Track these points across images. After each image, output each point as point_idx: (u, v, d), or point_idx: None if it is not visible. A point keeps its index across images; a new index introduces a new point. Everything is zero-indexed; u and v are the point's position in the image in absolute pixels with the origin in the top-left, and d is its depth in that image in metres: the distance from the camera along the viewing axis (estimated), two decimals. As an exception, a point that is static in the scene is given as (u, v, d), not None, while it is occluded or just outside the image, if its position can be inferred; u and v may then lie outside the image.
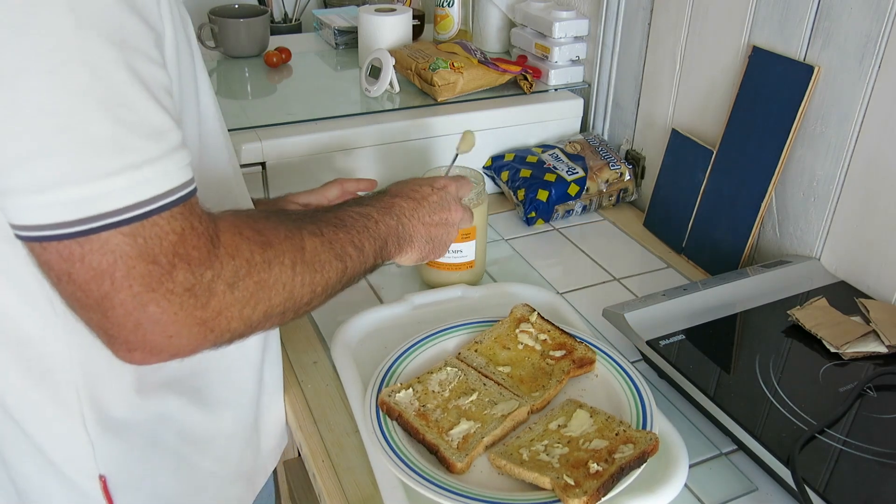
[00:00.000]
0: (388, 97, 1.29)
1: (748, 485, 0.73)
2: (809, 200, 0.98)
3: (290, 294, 0.57)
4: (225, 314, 0.52)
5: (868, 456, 0.70)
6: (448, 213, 0.80)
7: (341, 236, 0.64)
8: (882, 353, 0.82)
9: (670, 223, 1.16)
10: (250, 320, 0.55)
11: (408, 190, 0.77)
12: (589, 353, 0.82)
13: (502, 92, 1.31)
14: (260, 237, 0.56)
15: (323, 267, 0.61)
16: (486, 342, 0.84)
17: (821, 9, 0.91)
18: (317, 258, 0.60)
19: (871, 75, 0.87)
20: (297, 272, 0.58)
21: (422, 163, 1.21)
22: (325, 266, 0.61)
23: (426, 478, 0.67)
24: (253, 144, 1.11)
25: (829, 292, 0.91)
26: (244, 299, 0.53)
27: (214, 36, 1.48)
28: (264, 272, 0.55)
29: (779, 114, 0.98)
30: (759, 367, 0.81)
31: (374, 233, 0.69)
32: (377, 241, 0.69)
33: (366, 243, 0.67)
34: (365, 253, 0.66)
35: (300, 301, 0.59)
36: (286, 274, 0.57)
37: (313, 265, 0.60)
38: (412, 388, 0.77)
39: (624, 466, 0.66)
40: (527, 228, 1.20)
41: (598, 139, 1.29)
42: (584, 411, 0.74)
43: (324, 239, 0.62)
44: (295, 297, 0.58)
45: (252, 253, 0.54)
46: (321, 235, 0.62)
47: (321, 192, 0.95)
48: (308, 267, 0.59)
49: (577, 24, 1.31)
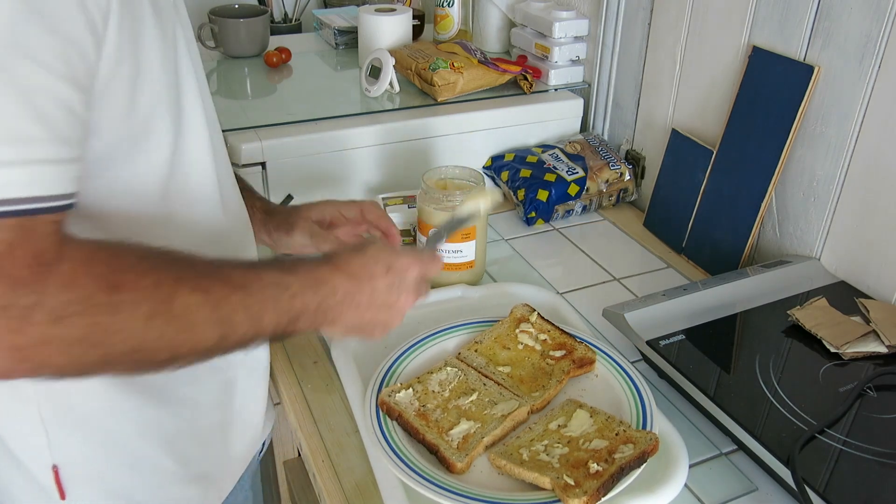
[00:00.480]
0: (388, 97, 1.29)
1: (748, 485, 0.73)
2: (809, 200, 0.98)
3: (138, 346, 0.52)
4: (45, 347, 0.48)
5: (868, 456, 0.70)
6: (395, 301, 0.69)
7: (234, 300, 0.57)
8: (882, 353, 0.82)
9: (670, 223, 1.16)
10: (81, 362, 0.51)
11: (356, 265, 0.68)
12: (589, 353, 0.82)
13: (502, 92, 1.31)
14: (112, 277, 0.51)
15: (194, 328, 0.54)
16: (486, 342, 0.84)
17: (821, 9, 0.91)
18: (188, 317, 0.54)
19: (871, 75, 0.87)
20: (152, 326, 0.52)
21: (422, 163, 1.21)
22: (198, 328, 0.55)
23: (426, 478, 0.67)
24: (253, 144, 1.11)
25: (829, 292, 0.91)
26: (73, 338, 0.49)
27: (214, 36, 1.48)
28: (106, 315, 0.50)
29: (779, 114, 0.98)
30: (759, 367, 0.81)
31: (283, 306, 0.61)
32: (284, 316, 0.61)
33: (266, 316, 0.59)
34: (262, 325, 0.59)
35: (156, 357, 0.54)
36: (136, 324, 0.51)
37: (180, 323, 0.53)
38: (412, 388, 0.77)
39: (624, 466, 0.66)
40: (527, 228, 1.20)
41: (598, 139, 1.29)
42: (584, 411, 0.74)
43: (208, 298, 0.55)
44: (147, 350, 0.53)
45: (95, 291, 0.50)
46: (206, 294, 0.55)
47: (341, 206, 0.91)
48: (172, 323, 0.53)
49: (577, 24, 1.31)
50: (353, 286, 0.66)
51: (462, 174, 1.01)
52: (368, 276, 0.67)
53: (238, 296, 0.57)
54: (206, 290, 0.55)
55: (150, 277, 0.53)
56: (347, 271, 0.66)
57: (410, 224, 1.11)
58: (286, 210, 0.92)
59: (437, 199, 0.97)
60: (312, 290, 0.63)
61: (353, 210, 0.90)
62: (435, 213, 0.97)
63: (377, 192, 1.18)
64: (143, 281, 0.52)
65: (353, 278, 0.66)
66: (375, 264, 0.68)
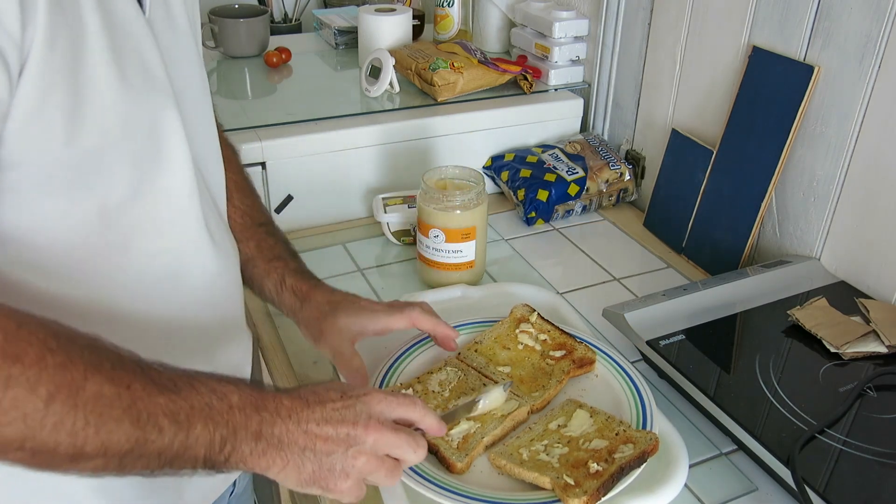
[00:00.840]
0: (388, 97, 1.29)
1: (748, 485, 0.73)
2: (809, 200, 0.98)
3: (33, 432, 0.45)
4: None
5: (868, 456, 0.70)
6: (350, 428, 0.56)
7: (160, 401, 0.49)
8: (882, 353, 0.82)
9: (670, 223, 1.16)
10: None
11: (305, 391, 0.58)
12: (589, 353, 0.82)
13: (502, 92, 1.31)
14: (11, 347, 0.45)
15: (105, 423, 0.47)
16: (486, 342, 0.84)
17: (821, 9, 0.91)
18: (98, 408, 0.47)
19: (871, 75, 0.87)
20: (52, 411, 0.45)
21: (422, 163, 1.21)
22: (110, 423, 0.47)
23: (426, 478, 0.67)
24: (253, 144, 1.11)
25: (829, 292, 0.91)
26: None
27: (214, 36, 1.49)
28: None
29: (779, 114, 0.98)
30: (759, 367, 0.81)
31: (218, 416, 0.52)
32: (218, 430, 0.52)
33: (197, 426, 0.51)
34: (190, 436, 0.50)
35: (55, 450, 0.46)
36: (32, 405, 0.45)
37: (87, 413, 0.46)
38: (412, 388, 0.77)
39: (624, 466, 0.66)
40: (527, 228, 1.20)
41: (598, 139, 1.29)
42: (584, 411, 0.74)
43: (127, 392, 0.48)
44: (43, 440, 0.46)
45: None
46: (124, 388, 0.48)
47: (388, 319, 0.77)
48: (77, 412, 0.46)
49: (577, 24, 1.31)
50: (302, 405, 0.56)
51: (462, 174, 1.01)
52: (318, 399, 0.57)
53: (164, 398, 0.50)
54: (124, 384, 0.48)
55: (58, 356, 0.46)
56: (295, 394, 0.58)
57: (410, 224, 1.11)
58: (320, 307, 0.78)
59: (437, 199, 0.97)
60: (253, 407, 0.54)
61: (403, 321, 0.78)
62: (435, 213, 0.97)
63: (377, 192, 1.18)
64: (49, 358, 0.46)
65: (300, 399, 0.57)
66: (328, 390, 0.59)
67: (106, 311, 0.59)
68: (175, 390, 0.51)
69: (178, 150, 0.60)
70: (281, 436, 0.54)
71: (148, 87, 0.56)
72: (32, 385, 0.45)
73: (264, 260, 0.81)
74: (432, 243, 0.99)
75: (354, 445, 0.56)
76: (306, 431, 0.55)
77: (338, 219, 1.21)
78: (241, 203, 0.82)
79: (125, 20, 0.54)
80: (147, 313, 0.62)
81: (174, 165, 0.60)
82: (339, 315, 0.77)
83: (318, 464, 0.55)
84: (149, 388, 0.50)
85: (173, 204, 0.61)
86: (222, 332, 0.71)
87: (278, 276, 0.80)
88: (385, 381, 0.79)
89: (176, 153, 0.60)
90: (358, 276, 1.07)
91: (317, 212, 1.19)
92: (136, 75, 0.55)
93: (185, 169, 0.61)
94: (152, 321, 0.63)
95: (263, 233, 0.83)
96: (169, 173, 0.60)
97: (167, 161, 0.59)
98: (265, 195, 1.15)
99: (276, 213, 1.17)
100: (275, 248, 0.82)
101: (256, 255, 0.81)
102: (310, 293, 0.79)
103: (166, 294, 0.63)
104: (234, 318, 0.74)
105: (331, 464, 0.56)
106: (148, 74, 0.56)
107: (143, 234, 0.59)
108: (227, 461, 0.53)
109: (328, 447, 0.56)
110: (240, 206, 0.82)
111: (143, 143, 0.57)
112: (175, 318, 0.64)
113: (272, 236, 0.83)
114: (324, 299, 0.79)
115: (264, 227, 0.83)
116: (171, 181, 0.60)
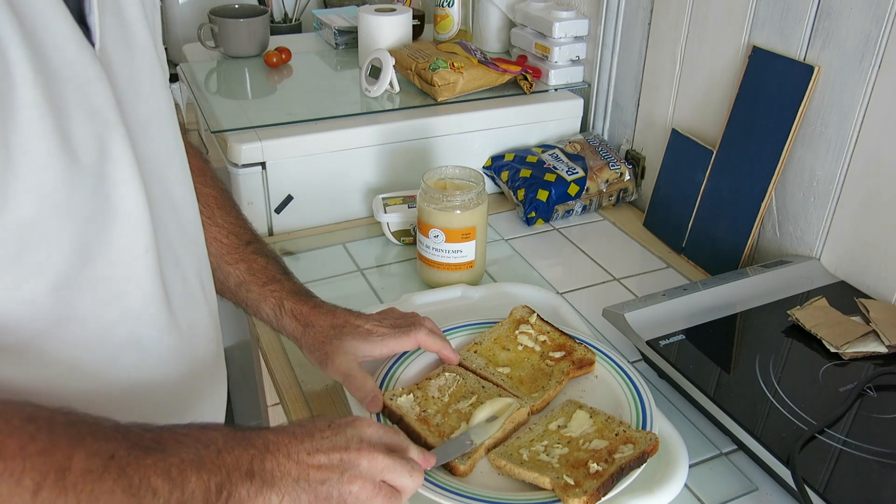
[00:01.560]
0: (388, 97, 1.29)
1: (748, 485, 0.73)
2: (809, 200, 0.98)
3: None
4: None
5: (868, 456, 0.70)
6: (343, 454, 0.56)
7: (147, 463, 0.47)
8: (882, 353, 0.82)
9: (670, 223, 1.16)
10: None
11: (291, 426, 0.57)
12: (588, 354, 0.82)
13: (502, 92, 1.31)
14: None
15: (97, 499, 0.45)
16: (486, 343, 0.84)
17: (821, 9, 0.91)
18: (90, 486, 0.45)
19: (871, 75, 0.87)
20: (41, 499, 0.43)
21: (422, 163, 1.21)
22: (102, 498, 0.45)
23: (429, 479, 0.67)
24: (253, 144, 1.11)
25: (829, 292, 0.91)
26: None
27: (214, 36, 1.49)
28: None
29: (779, 114, 0.98)
30: (759, 367, 0.81)
31: (209, 464, 0.50)
32: (213, 478, 0.50)
33: (191, 478, 0.49)
34: (186, 491, 0.48)
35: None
36: (19, 499, 0.42)
37: (80, 494, 0.44)
38: (412, 393, 0.77)
39: (624, 466, 0.66)
40: (527, 228, 1.20)
41: (598, 139, 1.29)
42: (584, 412, 0.74)
43: (112, 463, 0.46)
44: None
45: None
46: (110, 458, 0.46)
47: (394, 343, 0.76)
48: (69, 495, 0.44)
49: (577, 24, 1.31)
50: (289, 439, 0.55)
51: (462, 174, 1.01)
52: (306, 432, 0.57)
53: (152, 458, 0.48)
54: (109, 455, 0.46)
55: (39, 442, 0.44)
56: (281, 429, 0.57)
57: (410, 224, 1.11)
58: (324, 332, 0.77)
59: (437, 199, 0.97)
60: (242, 446, 0.53)
61: (409, 343, 0.78)
62: (435, 213, 0.97)
63: (377, 192, 1.18)
64: (31, 446, 0.43)
65: (286, 433, 0.56)
66: (315, 421, 0.59)
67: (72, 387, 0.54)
68: (160, 449, 0.49)
69: (130, 202, 0.53)
70: (273, 470, 0.53)
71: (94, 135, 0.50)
72: (17, 479, 0.42)
73: (258, 284, 0.79)
74: (432, 243, 0.99)
75: (348, 470, 0.55)
76: (298, 462, 0.54)
77: (338, 219, 1.21)
78: (225, 221, 0.79)
79: (65, 62, 0.47)
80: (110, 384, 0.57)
81: (127, 219, 0.53)
82: (346, 339, 0.76)
83: (313, 494, 0.54)
84: (135, 453, 0.48)
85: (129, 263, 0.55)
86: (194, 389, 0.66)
87: (276, 301, 0.78)
88: (383, 387, 0.79)
89: (128, 205, 0.53)
90: (358, 276, 1.07)
91: (317, 212, 1.19)
92: (78, 125, 0.48)
93: (140, 222, 0.55)
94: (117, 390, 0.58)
95: (252, 252, 0.80)
96: (121, 227, 0.53)
97: (119, 214, 0.53)
98: (265, 195, 1.15)
99: (277, 213, 1.17)
100: (267, 270, 0.80)
101: (249, 280, 0.79)
102: (311, 316, 0.78)
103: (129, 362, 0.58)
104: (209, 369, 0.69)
105: (327, 492, 0.54)
106: (95, 120, 0.50)
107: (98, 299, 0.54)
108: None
109: (321, 475, 0.54)
110: (224, 225, 0.79)
111: (88, 200, 0.50)
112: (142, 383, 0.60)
113: (262, 255, 0.80)
114: (327, 323, 0.77)
115: (252, 245, 0.80)
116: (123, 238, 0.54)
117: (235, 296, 0.80)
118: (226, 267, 0.78)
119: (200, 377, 0.67)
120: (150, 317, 0.58)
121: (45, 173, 0.46)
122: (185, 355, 0.63)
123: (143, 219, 0.55)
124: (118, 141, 0.51)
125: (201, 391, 0.68)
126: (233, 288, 0.79)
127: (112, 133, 0.51)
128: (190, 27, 1.80)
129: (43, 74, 0.45)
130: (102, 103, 0.50)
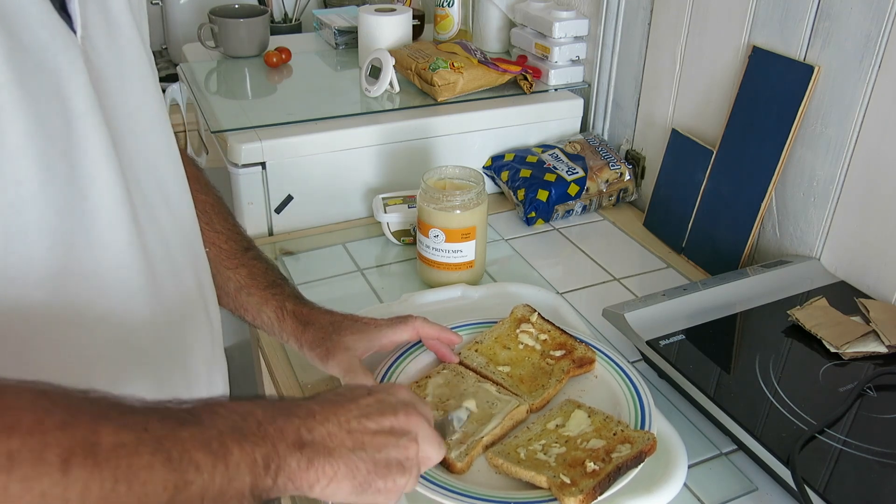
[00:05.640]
0: (388, 97, 1.29)
1: (748, 485, 0.73)
2: (809, 200, 0.97)
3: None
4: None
5: (868, 456, 0.69)
6: (392, 419, 0.54)
7: (184, 436, 0.43)
8: (882, 353, 0.82)
9: (670, 223, 1.16)
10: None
11: (330, 393, 0.55)
12: (588, 354, 0.82)
13: (502, 92, 1.31)
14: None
15: (136, 474, 0.40)
16: (487, 342, 0.84)
17: (821, 9, 0.91)
18: (126, 460, 0.39)
19: (871, 75, 0.87)
20: (73, 478, 0.37)
21: (422, 163, 1.21)
22: (142, 474, 0.40)
23: (425, 477, 0.67)
24: (253, 144, 1.11)
25: (829, 292, 0.91)
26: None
27: (214, 36, 1.49)
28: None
29: (779, 114, 0.97)
30: (759, 367, 0.81)
31: (251, 436, 0.46)
32: (257, 449, 0.45)
33: (234, 449, 0.44)
34: (230, 464, 0.44)
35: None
36: (48, 479, 0.37)
37: (115, 469, 0.39)
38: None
39: (621, 466, 0.66)
40: (527, 228, 1.20)
41: (598, 139, 1.29)
42: (582, 411, 0.74)
43: (146, 436, 0.41)
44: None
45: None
46: (142, 431, 0.41)
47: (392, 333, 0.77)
48: (104, 471, 0.38)
49: (577, 24, 1.31)
50: (331, 407, 0.52)
51: (462, 174, 1.01)
52: (347, 398, 0.54)
53: (188, 430, 0.43)
54: (142, 427, 0.41)
55: (56, 415, 0.39)
56: (319, 397, 0.54)
57: (410, 224, 1.11)
58: (324, 328, 0.77)
59: (437, 198, 0.97)
60: (284, 416, 0.49)
61: (408, 332, 0.78)
62: (435, 213, 0.97)
63: (377, 192, 1.18)
64: (48, 420, 0.38)
65: (327, 401, 0.53)
66: (352, 389, 0.56)
67: None
68: (196, 421, 0.44)
69: (107, 195, 0.51)
70: (324, 440, 0.49)
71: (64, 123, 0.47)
72: (39, 455, 0.37)
73: (259, 287, 0.79)
74: (432, 243, 0.99)
75: (404, 435, 0.53)
76: (350, 431, 0.51)
77: (338, 219, 1.21)
78: (224, 227, 0.80)
79: (39, 47, 0.45)
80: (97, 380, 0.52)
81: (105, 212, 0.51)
82: (345, 333, 0.76)
83: (371, 462, 0.51)
84: (169, 424, 0.43)
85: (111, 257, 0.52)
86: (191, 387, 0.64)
87: (278, 303, 0.79)
88: (386, 380, 0.79)
89: (105, 199, 0.51)
90: (358, 276, 1.07)
91: (317, 212, 1.19)
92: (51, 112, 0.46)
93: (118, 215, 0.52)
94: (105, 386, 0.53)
95: (252, 258, 0.81)
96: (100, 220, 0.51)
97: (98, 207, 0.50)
98: (265, 195, 1.15)
99: (277, 212, 1.17)
100: (268, 274, 0.80)
101: (250, 284, 0.79)
102: (311, 316, 0.78)
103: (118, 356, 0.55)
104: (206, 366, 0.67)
105: (386, 459, 0.52)
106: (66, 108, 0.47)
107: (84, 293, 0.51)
108: (276, 483, 0.46)
109: (378, 441, 0.52)
110: (223, 231, 0.79)
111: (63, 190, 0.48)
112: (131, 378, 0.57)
113: (262, 261, 0.81)
114: (326, 320, 0.78)
115: (251, 251, 0.81)
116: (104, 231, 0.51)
117: (235, 300, 0.80)
118: (226, 272, 0.79)
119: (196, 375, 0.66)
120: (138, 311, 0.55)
121: (19, 160, 0.44)
122: (177, 352, 0.61)
123: (123, 212, 0.52)
124: (91, 131, 0.49)
125: (199, 390, 0.67)
126: (232, 292, 0.80)
127: (81, 123, 0.48)
128: (190, 27, 1.80)
129: (16, 59, 0.44)
130: (73, 92, 0.47)
